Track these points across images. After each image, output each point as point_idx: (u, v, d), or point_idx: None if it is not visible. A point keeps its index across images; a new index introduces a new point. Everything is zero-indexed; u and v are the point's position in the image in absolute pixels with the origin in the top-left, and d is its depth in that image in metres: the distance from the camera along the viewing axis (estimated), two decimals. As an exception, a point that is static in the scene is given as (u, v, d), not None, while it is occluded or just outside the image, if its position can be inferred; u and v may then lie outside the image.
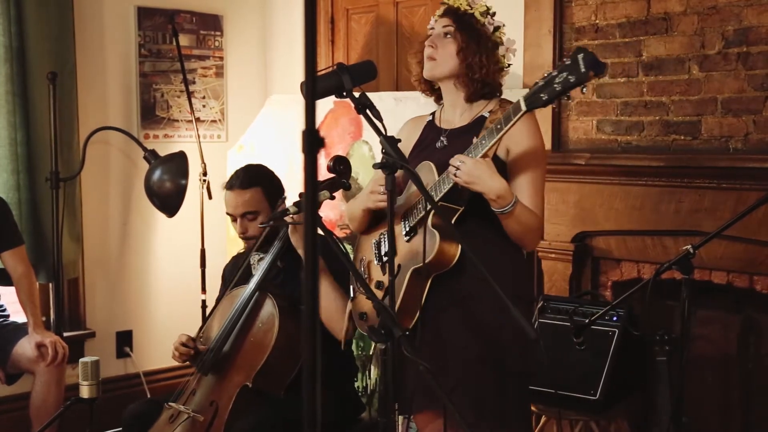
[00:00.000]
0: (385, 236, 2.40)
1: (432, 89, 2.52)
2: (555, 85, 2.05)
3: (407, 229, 2.36)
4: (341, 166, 2.58)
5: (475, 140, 2.26)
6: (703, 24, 3.03)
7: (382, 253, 2.44)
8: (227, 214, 2.99)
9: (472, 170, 2.17)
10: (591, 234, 3.31)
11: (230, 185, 2.95)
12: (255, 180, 2.93)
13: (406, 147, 2.52)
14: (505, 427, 2.32)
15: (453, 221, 2.26)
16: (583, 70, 2.00)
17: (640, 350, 2.89)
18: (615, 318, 2.92)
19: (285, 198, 2.96)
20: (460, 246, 2.24)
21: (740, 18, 2.94)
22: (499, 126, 2.18)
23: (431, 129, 2.51)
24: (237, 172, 2.99)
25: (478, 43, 2.35)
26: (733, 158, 2.94)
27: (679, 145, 3.12)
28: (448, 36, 2.37)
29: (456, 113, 2.45)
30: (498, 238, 2.32)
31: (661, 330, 2.73)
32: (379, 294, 2.37)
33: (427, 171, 2.34)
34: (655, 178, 3.10)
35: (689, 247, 2.50)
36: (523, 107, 2.12)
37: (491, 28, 2.39)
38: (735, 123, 2.98)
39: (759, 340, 3.09)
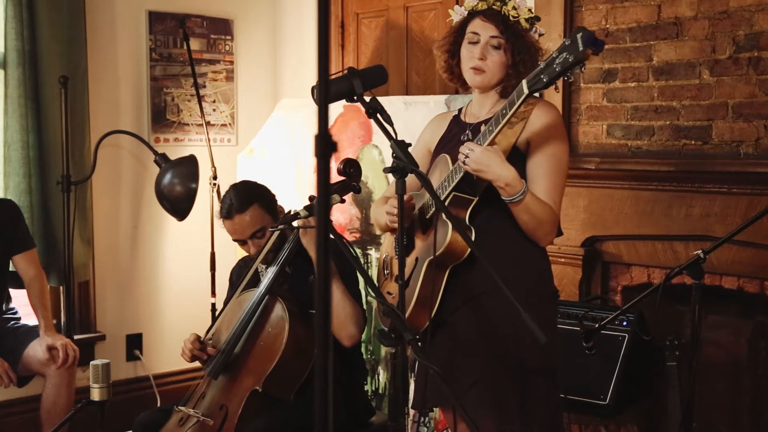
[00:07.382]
0: (404, 234, 2.41)
1: (459, 77, 2.47)
2: (555, 66, 2.04)
3: (423, 223, 2.37)
4: (351, 169, 2.57)
5: (483, 128, 2.26)
6: (714, 29, 3.03)
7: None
8: (234, 240, 2.95)
9: (480, 158, 2.16)
10: (601, 238, 3.31)
11: (227, 213, 2.89)
12: (249, 199, 2.88)
13: (431, 143, 2.53)
14: (529, 425, 2.27)
15: (468, 212, 2.26)
16: (580, 48, 1.98)
17: (650, 355, 2.89)
18: (625, 323, 2.91)
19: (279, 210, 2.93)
20: (473, 235, 2.24)
21: (751, 23, 2.94)
22: (504, 111, 2.16)
23: (456, 124, 2.50)
24: (227, 198, 2.91)
25: (528, 53, 2.33)
26: (743, 163, 2.93)
27: (689, 149, 3.11)
28: (499, 48, 2.33)
29: (485, 109, 2.42)
30: (519, 232, 2.30)
31: (671, 335, 2.73)
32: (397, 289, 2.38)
33: (443, 163, 2.34)
34: (666, 183, 3.10)
35: (700, 252, 2.50)
36: (525, 90, 2.11)
37: (536, 36, 2.37)
38: (746, 128, 2.97)
39: (770, 345, 3.08)
